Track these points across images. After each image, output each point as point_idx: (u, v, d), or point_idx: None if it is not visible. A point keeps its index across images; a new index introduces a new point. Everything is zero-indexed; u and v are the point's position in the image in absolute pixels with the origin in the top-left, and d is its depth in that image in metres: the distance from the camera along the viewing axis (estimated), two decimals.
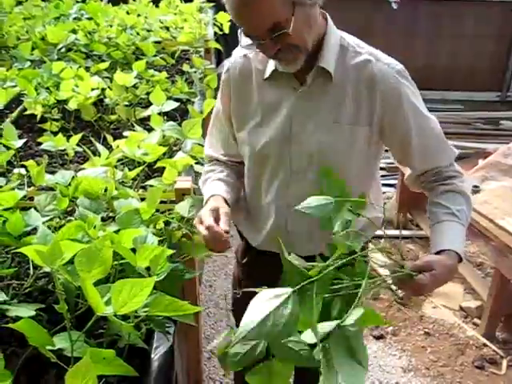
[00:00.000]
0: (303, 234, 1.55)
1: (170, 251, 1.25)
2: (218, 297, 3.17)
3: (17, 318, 1.25)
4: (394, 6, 5.73)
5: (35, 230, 1.44)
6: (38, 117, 2.40)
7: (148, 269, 1.24)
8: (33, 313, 1.18)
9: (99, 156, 1.88)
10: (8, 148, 1.93)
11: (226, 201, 1.50)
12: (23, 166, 1.94)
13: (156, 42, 3.25)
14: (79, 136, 2.09)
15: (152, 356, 1.25)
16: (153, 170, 1.96)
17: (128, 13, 3.86)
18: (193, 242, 1.50)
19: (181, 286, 1.53)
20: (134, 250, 1.26)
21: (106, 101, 2.44)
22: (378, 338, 3.02)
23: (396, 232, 3.98)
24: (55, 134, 2.25)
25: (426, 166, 1.54)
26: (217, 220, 1.39)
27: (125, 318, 1.11)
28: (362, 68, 1.42)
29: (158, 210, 1.59)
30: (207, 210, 1.41)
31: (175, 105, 2.22)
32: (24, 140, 2.05)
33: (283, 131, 1.47)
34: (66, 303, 1.15)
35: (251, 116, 1.53)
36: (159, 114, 2.11)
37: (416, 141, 1.47)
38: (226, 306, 3.06)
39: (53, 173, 1.96)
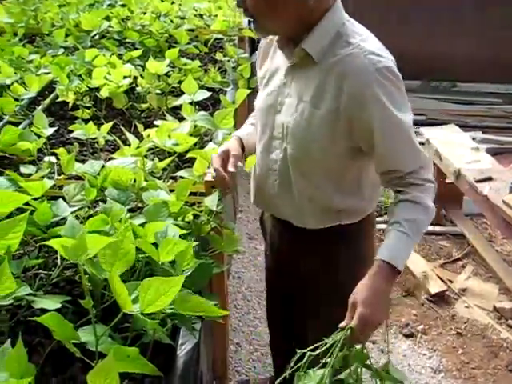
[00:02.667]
0: (277, 198, 1.67)
1: (193, 243, 1.22)
2: (246, 289, 3.14)
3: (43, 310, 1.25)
4: None
5: (63, 220, 1.42)
6: (70, 104, 2.39)
7: (173, 262, 1.21)
8: (58, 305, 1.16)
9: (129, 145, 1.86)
10: (39, 136, 1.92)
11: (241, 141, 1.69)
12: (54, 153, 1.94)
13: (189, 30, 3.21)
14: (110, 124, 2.07)
15: (178, 353, 1.23)
16: (183, 161, 1.93)
17: (162, 0, 3.83)
18: (222, 237, 1.47)
19: (208, 280, 1.50)
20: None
21: (138, 89, 2.42)
22: (408, 336, 2.96)
23: (429, 228, 3.88)
24: (86, 121, 2.24)
25: (385, 167, 1.52)
26: (226, 161, 1.54)
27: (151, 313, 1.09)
28: (343, 59, 1.45)
29: (187, 202, 1.56)
30: (219, 151, 1.59)
31: (207, 94, 2.18)
32: (55, 128, 2.05)
33: (272, 99, 1.61)
34: (91, 296, 1.14)
35: (261, 80, 1.70)
36: (191, 103, 2.07)
37: (378, 140, 1.46)
38: (254, 298, 3.04)
39: (83, 161, 1.94)
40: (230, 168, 1.53)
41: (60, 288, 1.41)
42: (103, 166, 1.63)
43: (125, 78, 2.37)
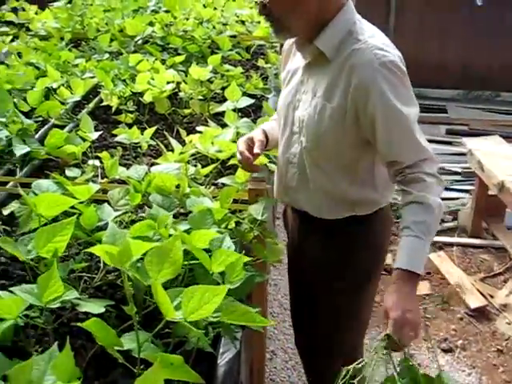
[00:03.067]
0: (296, 190, 1.72)
1: (246, 258, 1.21)
2: (283, 297, 3.12)
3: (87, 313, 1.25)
4: (479, 1, 5.47)
5: (107, 224, 1.44)
6: (114, 108, 2.42)
7: (221, 272, 1.21)
8: (102, 309, 1.17)
9: (172, 151, 1.87)
10: (84, 139, 1.95)
11: (265, 132, 1.75)
12: (97, 157, 1.96)
13: (231, 37, 3.23)
14: (153, 129, 2.09)
15: (218, 361, 1.22)
16: (225, 167, 1.93)
17: (205, 6, 3.86)
18: (266, 246, 1.46)
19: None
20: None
21: (181, 94, 2.44)
22: (447, 351, 2.89)
23: (469, 240, 3.80)
24: (129, 125, 2.27)
25: (386, 157, 1.56)
26: (251, 146, 1.64)
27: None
28: (352, 54, 1.52)
29: (229, 209, 1.56)
30: (245, 137, 1.70)
31: (250, 101, 2.18)
32: (99, 132, 2.07)
33: (291, 97, 1.69)
34: (134, 302, 1.14)
35: (284, 81, 1.79)
36: (234, 110, 2.07)
37: (380, 131, 1.51)
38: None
39: (126, 165, 1.97)
40: (256, 150, 1.63)
41: (102, 292, 1.42)
42: (147, 172, 1.64)
43: (168, 83, 2.39)
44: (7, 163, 2.02)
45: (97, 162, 1.92)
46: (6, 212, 1.55)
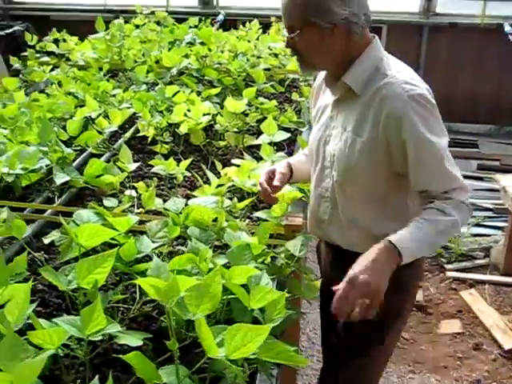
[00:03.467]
0: (328, 224, 1.73)
1: (286, 294, 1.21)
2: (311, 330, 3.09)
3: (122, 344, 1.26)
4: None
5: (146, 256, 1.45)
6: (150, 139, 2.46)
7: (260, 309, 1.21)
8: (140, 342, 1.18)
9: (208, 183, 1.89)
10: (122, 170, 1.98)
11: (290, 166, 1.79)
12: (133, 187, 1.99)
13: (265, 70, 3.26)
14: (188, 161, 2.12)
15: None
16: (260, 201, 1.94)
17: (238, 38, 3.92)
18: (302, 282, 1.46)
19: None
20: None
21: (217, 127, 2.47)
22: None
23: (502, 278, 3.73)
24: (164, 156, 2.30)
25: (419, 187, 1.58)
26: (272, 178, 1.69)
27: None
28: (380, 89, 1.54)
29: None
30: (268, 169, 1.76)
31: (286, 136, 2.20)
32: (138, 164, 2.10)
33: (322, 132, 1.71)
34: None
35: (314, 118, 1.81)
36: (270, 143, 2.09)
37: (412, 162, 1.53)
38: (318, 341, 2.98)
39: (161, 196, 1.99)
40: (275, 182, 1.68)
41: (138, 323, 1.42)
42: (185, 204, 1.66)
43: (204, 115, 2.42)
44: (46, 191, 2.06)
45: (133, 192, 1.95)
46: (46, 241, 1.58)
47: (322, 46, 1.56)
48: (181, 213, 1.61)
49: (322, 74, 1.80)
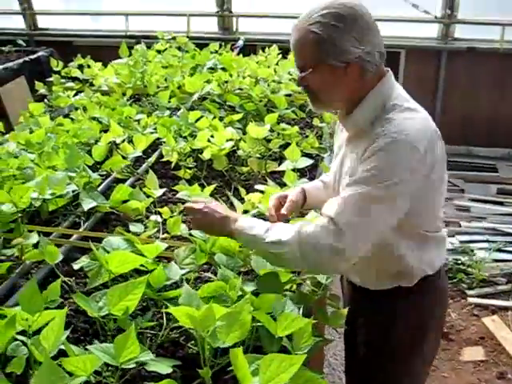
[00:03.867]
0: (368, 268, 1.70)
1: (312, 321, 1.22)
2: (331, 356, 3.06)
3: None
4: None
5: (174, 283, 1.47)
6: (173, 164, 2.49)
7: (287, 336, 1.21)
8: (170, 370, 1.19)
9: (234, 210, 1.90)
10: (148, 195, 2.01)
11: (304, 192, 1.83)
12: (158, 212, 2.01)
13: (286, 95, 3.29)
14: (213, 187, 2.14)
15: None
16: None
17: (258, 63, 3.95)
18: (326, 310, 1.46)
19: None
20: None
21: (239, 152, 2.49)
22: None
23: None
24: (188, 181, 2.33)
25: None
26: (282, 204, 1.74)
27: None
28: (379, 134, 1.47)
29: None
30: (279, 194, 1.82)
31: (309, 162, 2.22)
32: (163, 190, 2.13)
33: (337, 168, 1.72)
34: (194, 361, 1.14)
35: (336, 154, 1.81)
36: (293, 170, 2.11)
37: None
38: (339, 367, 2.96)
39: (185, 221, 2.01)
40: (283, 210, 1.72)
41: (165, 349, 1.43)
42: None
43: (227, 141, 2.45)
44: (72, 215, 2.09)
45: (158, 218, 1.98)
46: (76, 267, 1.60)
47: (334, 84, 1.54)
48: (208, 239, 1.62)
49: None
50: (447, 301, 1.91)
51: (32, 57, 5.60)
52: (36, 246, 1.81)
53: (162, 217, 2.00)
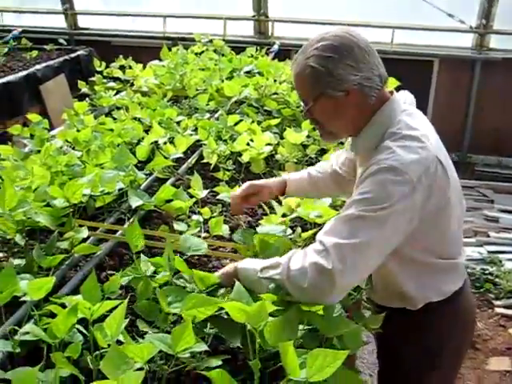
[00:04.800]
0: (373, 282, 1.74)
1: (361, 327, 1.28)
2: (358, 358, 3.12)
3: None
4: None
5: None
6: (212, 166, 2.57)
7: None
8: (219, 362, 1.26)
9: (270, 213, 1.98)
10: (191, 196, 2.09)
11: (284, 183, 2.01)
12: (199, 212, 2.10)
13: None
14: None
15: None
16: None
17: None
18: (362, 313, 1.52)
19: None
20: None
21: (277, 157, 2.56)
22: None
23: None
24: (226, 182, 2.41)
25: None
26: (253, 194, 1.95)
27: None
28: (372, 161, 1.48)
29: None
30: (256, 182, 2.00)
31: None
32: (207, 191, 2.21)
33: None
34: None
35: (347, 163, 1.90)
36: None
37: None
38: (366, 370, 3.01)
39: (225, 221, 2.08)
40: (248, 204, 1.96)
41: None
42: (255, 233, 1.75)
43: (266, 145, 2.52)
44: (116, 212, 2.19)
45: (200, 217, 2.06)
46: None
47: (338, 113, 1.56)
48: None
49: None
50: (465, 322, 1.82)
51: (72, 55, 5.76)
52: (85, 239, 1.92)
53: (202, 216, 2.08)
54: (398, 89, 1.87)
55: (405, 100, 1.73)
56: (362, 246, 1.36)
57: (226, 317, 1.33)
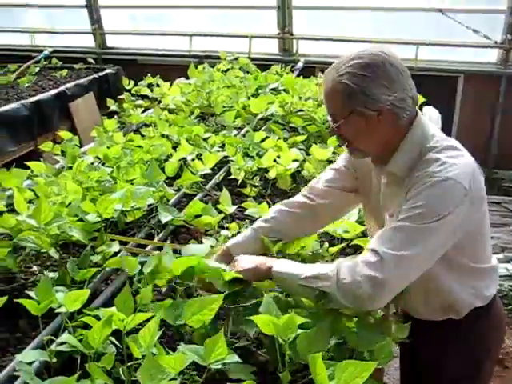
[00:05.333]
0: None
1: (391, 340, 1.29)
2: (385, 375, 3.10)
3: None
4: None
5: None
6: (239, 181, 2.61)
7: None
8: (249, 375, 1.28)
9: None
10: (219, 211, 2.13)
11: (228, 252, 1.81)
12: (227, 227, 2.13)
13: None
14: None
15: None
16: (349, 246, 2.03)
17: (317, 85, 4.04)
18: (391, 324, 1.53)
19: None
20: None
21: (304, 173, 2.59)
22: None
23: None
24: (253, 198, 2.44)
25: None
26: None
27: None
28: (417, 179, 1.49)
29: None
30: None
31: None
32: (235, 206, 2.25)
33: (378, 212, 1.70)
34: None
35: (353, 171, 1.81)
36: None
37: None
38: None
39: None
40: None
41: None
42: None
43: (293, 161, 2.55)
44: (146, 227, 2.23)
45: (228, 233, 2.09)
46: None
47: (368, 133, 1.55)
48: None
49: None
50: (503, 329, 1.87)
51: (100, 74, 5.89)
52: (116, 254, 1.97)
53: (230, 232, 2.12)
54: (422, 105, 1.88)
55: (429, 116, 1.74)
56: (415, 257, 1.41)
57: None
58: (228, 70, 4.62)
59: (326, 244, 1.93)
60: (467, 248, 1.60)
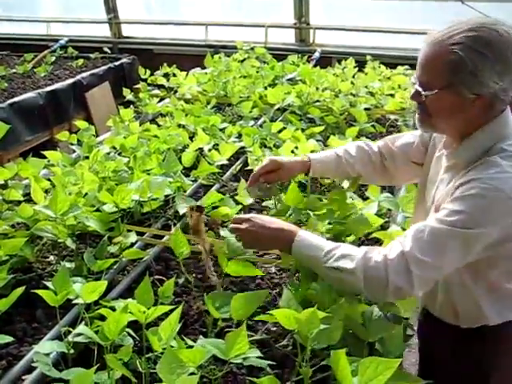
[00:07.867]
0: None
1: (401, 327, 1.27)
2: None
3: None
4: None
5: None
6: None
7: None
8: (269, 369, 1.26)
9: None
10: (237, 203, 2.11)
11: (308, 163, 1.89)
12: None
13: (364, 109, 3.32)
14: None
15: None
16: (368, 239, 2.01)
17: (335, 76, 4.00)
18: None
19: None
20: None
21: None
22: None
23: None
24: None
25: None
26: (274, 171, 1.88)
27: None
28: (474, 176, 1.38)
29: None
30: (273, 159, 1.90)
31: None
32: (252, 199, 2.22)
33: (431, 184, 1.64)
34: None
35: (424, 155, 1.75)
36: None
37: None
38: None
39: None
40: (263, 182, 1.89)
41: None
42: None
43: (311, 152, 2.51)
44: (162, 218, 2.21)
45: None
46: None
47: (454, 113, 1.42)
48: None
49: None
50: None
51: (116, 63, 5.87)
52: (133, 244, 1.95)
53: None
54: None
55: None
56: (444, 265, 1.37)
57: None
58: (244, 59, 4.58)
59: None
60: (497, 266, 1.49)
